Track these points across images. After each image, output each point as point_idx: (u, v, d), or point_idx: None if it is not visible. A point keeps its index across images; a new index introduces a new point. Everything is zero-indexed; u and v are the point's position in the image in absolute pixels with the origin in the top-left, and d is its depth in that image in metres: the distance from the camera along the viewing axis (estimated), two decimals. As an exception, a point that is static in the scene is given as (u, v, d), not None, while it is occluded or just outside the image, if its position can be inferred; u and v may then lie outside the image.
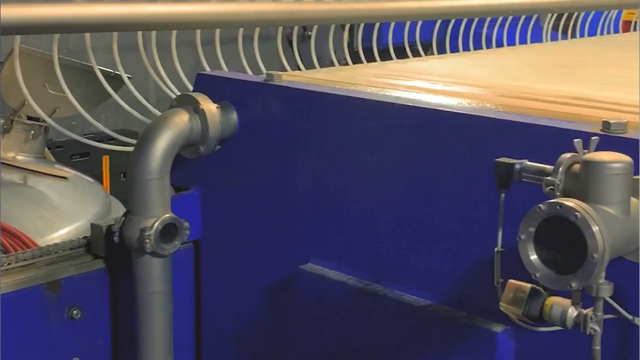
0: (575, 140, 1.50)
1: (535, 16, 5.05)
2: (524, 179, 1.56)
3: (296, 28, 4.11)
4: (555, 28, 5.94)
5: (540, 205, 1.40)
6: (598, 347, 1.48)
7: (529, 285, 1.53)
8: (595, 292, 1.45)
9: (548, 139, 1.74)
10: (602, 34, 5.66)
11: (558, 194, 1.47)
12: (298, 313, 2.21)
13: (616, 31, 5.92)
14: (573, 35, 5.64)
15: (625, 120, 1.70)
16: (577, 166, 1.48)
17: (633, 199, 1.47)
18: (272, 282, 2.30)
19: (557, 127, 1.77)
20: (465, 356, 1.89)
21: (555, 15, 5.51)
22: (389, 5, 3.09)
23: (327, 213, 2.15)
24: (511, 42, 4.89)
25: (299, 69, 3.86)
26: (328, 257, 2.16)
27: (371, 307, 2.06)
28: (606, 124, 1.69)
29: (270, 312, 2.33)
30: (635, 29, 6.45)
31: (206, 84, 2.35)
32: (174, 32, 3.42)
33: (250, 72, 3.65)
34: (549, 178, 1.49)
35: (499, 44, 4.72)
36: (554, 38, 5.41)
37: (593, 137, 1.51)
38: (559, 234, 1.40)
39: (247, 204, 2.32)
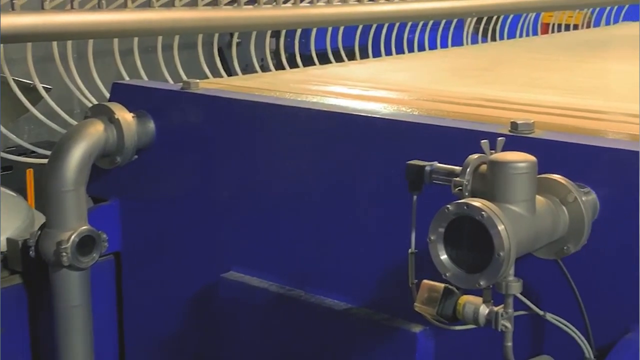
0: (482, 141, 1.53)
1: (455, 20, 5.13)
2: (434, 181, 1.58)
3: (217, 36, 4.08)
4: (476, 31, 6.06)
5: (448, 205, 1.42)
6: (510, 344, 1.50)
7: (443, 285, 1.55)
8: (504, 290, 1.48)
9: (459, 141, 1.77)
10: (521, 36, 5.78)
11: (466, 194, 1.50)
12: (222, 321, 2.21)
13: (535, 33, 6.06)
14: (493, 38, 5.75)
15: (532, 121, 1.74)
16: (484, 167, 1.50)
17: (539, 197, 1.51)
18: (195, 292, 2.29)
19: (467, 128, 1.80)
20: (385, 357, 1.91)
21: (475, 19, 5.62)
22: (308, 12, 3.11)
23: (247, 220, 2.15)
24: (433, 47, 4.96)
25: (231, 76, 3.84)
26: (250, 265, 2.15)
27: (293, 312, 2.06)
28: (514, 125, 1.73)
29: (194, 322, 2.32)
30: (553, 31, 6.62)
31: (123, 93, 2.32)
32: (91, 42, 3.37)
33: (171, 81, 3.62)
34: (457, 179, 1.51)
35: (421, 48, 4.78)
36: (474, 41, 5.50)
37: (499, 138, 1.54)
38: (467, 234, 1.42)
39: (167, 213, 2.30)
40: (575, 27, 7.50)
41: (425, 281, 1.59)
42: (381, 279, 1.94)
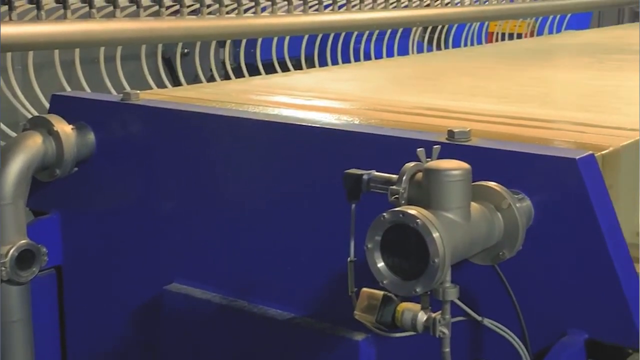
0: (418, 149, 1.54)
1: (400, 30, 5.18)
2: (372, 189, 1.59)
3: (160, 46, 4.06)
4: (422, 40, 6.12)
5: (384, 214, 1.43)
6: (447, 349, 1.52)
7: (382, 292, 1.56)
8: (441, 296, 1.49)
9: (398, 149, 1.78)
10: (466, 45, 5.86)
11: (403, 202, 1.51)
12: (166, 334, 2.19)
13: (480, 42, 6.14)
14: (439, 47, 5.81)
15: (469, 129, 1.76)
16: (420, 174, 1.52)
17: (474, 204, 1.53)
18: (138, 305, 2.27)
19: (405, 137, 1.82)
20: (328, 366, 1.91)
21: (421, 28, 5.68)
22: (252, 22, 3.11)
23: (189, 231, 2.14)
24: (379, 56, 4.99)
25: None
26: (193, 276, 2.14)
27: (237, 323, 2.06)
28: (451, 133, 1.75)
29: (138, 335, 2.30)
30: (498, 40, 6.73)
31: (62, 105, 2.30)
32: (31, 54, 3.33)
33: (114, 92, 3.59)
34: (394, 187, 1.53)
35: (367, 58, 4.81)
36: (420, 50, 5.56)
37: (435, 146, 1.56)
38: (404, 242, 1.43)
39: (108, 225, 2.28)
40: (520, 35, 7.63)
41: (364, 289, 1.60)
42: (324, 288, 1.95)
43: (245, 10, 3.59)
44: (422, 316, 1.52)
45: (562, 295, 1.65)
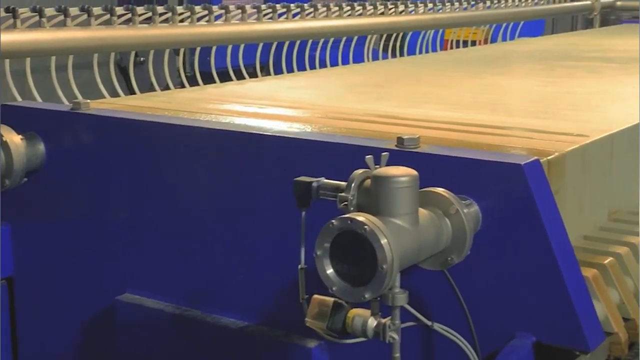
0: (366, 156, 1.55)
1: (355, 37, 5.21)
2: (321, 197, 1.60)
3: (113, 55, 4.02)
4: (378, 48, 6.16)
5: (333, 221, 1.44)
6: (397, 355, 1.53)
7: (332, 299, 1.57)
8: (391, 302, 1.51)
9: (348, 157, 1.79)
10: (422, 52, 5.91)
11: (352, 209, 1.52)
12: (118, 344, 2.17)
13: (435, 49, 6.19)
14: (394, 55, 5.86)
15: (418, 136, 1.78)
16: (368, 181, 1.53)
17: (422, 210, 1.55)
18: (90, 316, 2.25)
19: (355, 144, 1.83)
20: (282, 374, 1.91)
21: (376, 35, 5.71)
22: (206, 30, 3.10)
23: (140, 241, 2.13)
24: (335, 63, 5.01)
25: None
26: (145, 286, 2.13)
27: (190, 332, 2.05)
28: (400, 140, 1.77)
29: (90, 346, 2.28)
30: (453, 47, 6.80)
31: (11, 115, 2.27)
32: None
33: (66, 102, 3.56)
34: (343, 194, 1.54)
35: (323, 66, 4.82)
36: (376, 58, 5.59)
37: (383, 153, 1.57)
38: (353, 248, 1.44)
39: (59, 236, 2.26)
40: (475, 43, 7.71)
41: (315, 296, 1.60)
42: (276, 296, 1.95)
43: (199, 19, 3.59)
44: (372, 322, 1.53)
45: (511, 299, 1.67)
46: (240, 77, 4.30)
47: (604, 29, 6.96)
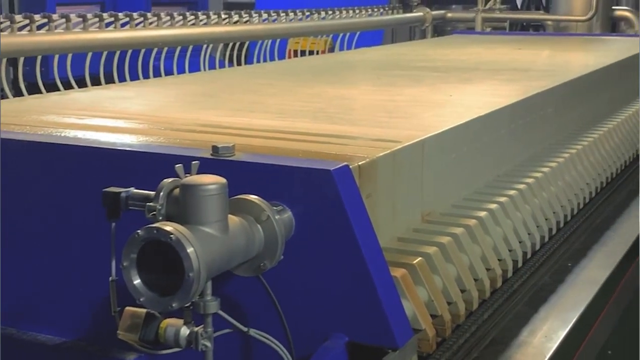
0: (176, 165, 1.55)
1: (205, 46, 5.18)
2: (131, 207, 1.59)
3: None
4: (224, 58, 6.17)
5: (139, 231, 1.43)
6: (211, 362, 1.54)
7: (144, 310, 1.56)
8: (202, 309, 1.51)
9: (162, 166, 1.78)
10: (265, 61, 5.95)
11: (160, 218, 1.52)
12: None
13: (278, 59, 6.24)
14: (239, 64, 5.87)
15: (233, 144, 1.79)
16: (177, 190, 1.53)
17: (233, 217, 1.56)
18: None
19: (170, 154, 1.83)
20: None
21: (221, 45, 5.72)
22: (41, 39, 3.00)
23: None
24: (170, 73, 4.97)
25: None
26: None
27: (7, 351, 1.97)
28: (215, 148, 1.78)
29: None
30: (296, 57, 6.89)
31: None
32: None
33: None
34: (151, 204, 1.53)
35: (157, 75, 4.78)
36: (222, 66, 5.60)
37: (193, 162, 1.58)
38: (161, 258, 1.44)
39: None
40: (317, 52, 7.85)
41: (127, 308, 1.59)
42: (93, 310, 1.91)
43: (39, 27, 3.46)
44: (185, 331, 1.53)
45: (324, 301, 1.71)
46: (69, 88, 4.18)
47: (436, 39, 7.27)
